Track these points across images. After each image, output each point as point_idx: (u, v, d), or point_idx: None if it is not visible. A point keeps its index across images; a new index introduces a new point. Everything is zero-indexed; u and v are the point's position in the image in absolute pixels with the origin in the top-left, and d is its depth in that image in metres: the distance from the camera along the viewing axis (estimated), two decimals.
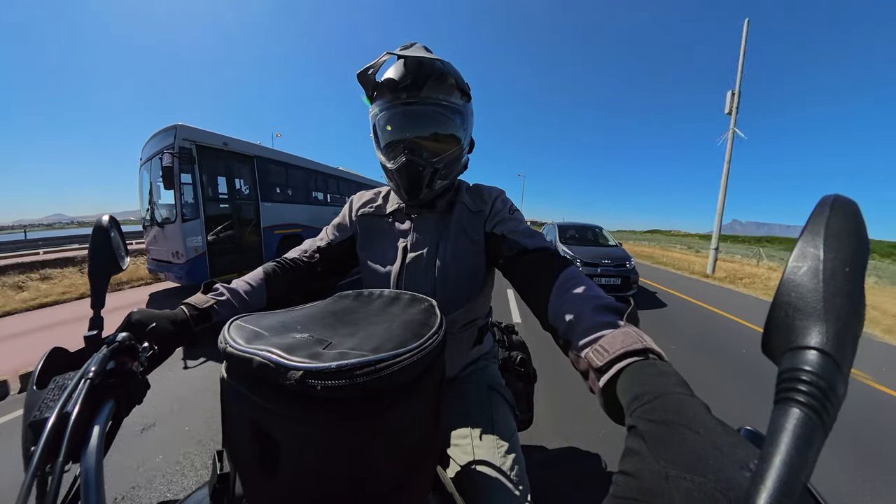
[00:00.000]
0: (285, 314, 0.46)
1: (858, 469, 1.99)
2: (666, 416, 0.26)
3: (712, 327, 4.88)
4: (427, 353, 0.36)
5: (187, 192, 5.33)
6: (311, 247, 0.84)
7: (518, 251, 0.67)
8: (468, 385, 0.84)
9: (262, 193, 6.68)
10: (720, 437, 0.23)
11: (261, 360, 0.32)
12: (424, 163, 0.69)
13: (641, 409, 0.28)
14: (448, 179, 0.75)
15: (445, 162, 0.71)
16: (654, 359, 0.35)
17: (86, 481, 0.33)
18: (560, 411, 2.41)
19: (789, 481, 0.15)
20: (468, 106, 0.75)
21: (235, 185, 6.33)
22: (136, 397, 0.45)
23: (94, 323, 0.47)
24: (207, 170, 5.63)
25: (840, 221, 0.19)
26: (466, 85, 0.75)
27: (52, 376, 0.40)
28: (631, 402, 0.30)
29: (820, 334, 0.17)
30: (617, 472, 0.26)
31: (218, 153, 5.84)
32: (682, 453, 0.22)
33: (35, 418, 0.35)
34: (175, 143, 5.08)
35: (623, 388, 0.34)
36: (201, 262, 5.40)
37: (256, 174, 6.57)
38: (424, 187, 0.71)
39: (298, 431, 0.32)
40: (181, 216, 5.24)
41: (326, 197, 9.36)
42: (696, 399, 0.28)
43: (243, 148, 6.30)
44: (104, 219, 0.51)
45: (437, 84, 0.68)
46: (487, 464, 0.68)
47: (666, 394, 0.28)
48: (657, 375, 0.32)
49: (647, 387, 0.30)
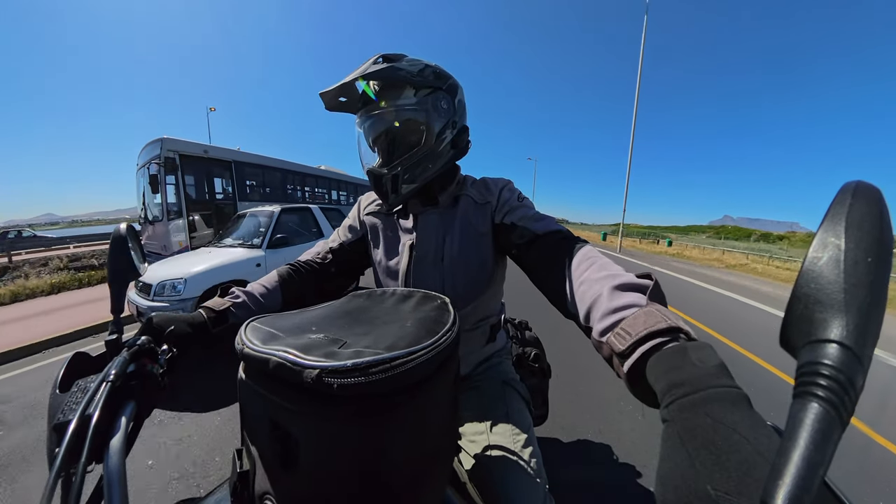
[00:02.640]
0: (300, 315, 0.47)
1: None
2: (706, 417, 0.24)
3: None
4: (441, 349, 0.36)
5: (172, 195, 6.24)
6: (323, 249, 0.85)
7: (529, 238, 0.65)
8: (483, 381, 0.83)
9: (239, 193, 7.60)
10: (763, 442, 0.21)
11: (278, 360, 0.33)
12: (381, 172, 0.71)
13: (678, 405, 0.26)
14: (416, 183, 0.72)
15: (405, 167, 0.70)
16: (682, 339, 0.33)
17: (108, 481, 0.34)
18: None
19: (808, 476, 0.15)
20: (432, 98, 0.70)
21: (216, 186, 7.24)
22: (157, 399, 0.46)
23: (115, 327, 0.48)
24: (190, 175, 6.54)
25: (862, 209, 0.18)
26: (431, 75, 0.71)
27: (75, 380, 0.41)
28: (665, 392, 0.28)
29: (840, 327, 0.16)
30: (657, 483, 0.24)
31: (199, 160, 6.73)
32: (727, 469, 0.21)
33: (59, 421, 0.36)
34: (161, 154, 5.97)
35: (655, 374, 0.31)
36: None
37: (234, 176, 7.48)
38: (390, 193, 0.72)
39: (316, 429, 0.33)
40: (167, 215, 6.17)
41: (304, 195, 10.25)
42: (735, 391, 0.25)
43: (222, 154, 7.19)
44: (122, 227, 0.52)
45: (386, 92, 0.69)
46: (503, 449, 0.68)
47: (704, 387, 0.26)
48: (692, 362, 0.29)
49: (682, 375, 0.28)
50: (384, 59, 0.68)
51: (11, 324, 4.29)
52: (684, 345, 0.31)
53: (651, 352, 0.33)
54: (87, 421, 0.35)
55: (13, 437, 2.08)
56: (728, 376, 0.27)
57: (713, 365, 0.28)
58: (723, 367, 0.28)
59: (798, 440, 0.15)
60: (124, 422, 0.38)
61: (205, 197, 7.01)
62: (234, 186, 7.51)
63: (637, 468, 1.77)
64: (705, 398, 0.25)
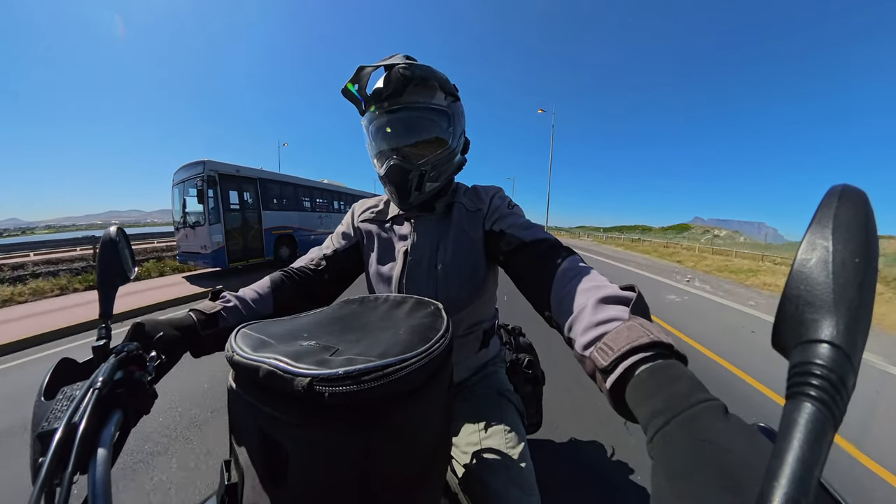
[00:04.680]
0: (291, 321, 0.46)
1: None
2: (685, 441, 0.24)
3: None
4: (434, 356, 0.36)
5: (211, 204, 7.84)
6: (317, 255, 0.84)
7: (516, 245, 0.66)
8: (478, 390, 0.84)
9: (263, 204, 9.30)
10: (745, 448, 0.22)
11: (268, 368, 0.32)
12: (410, 166, 0.70)
13: (660, 437, 0.27)
14: (438, 182, 0.75)
15: (432, 164, 0.72)
16: (661, 354, 0.33)
17: (94, 492, 0.32)
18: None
19: (804, 477, 0.15)
20: (455, 106, 0.75)
21: (244, 198, 8.91)
22: (144, 407, 0.44)
23: (102, 332, 0.46)
24: (225, 189, 8.17)
25: (849, 212, 0.18)
26: (453, 86, 0.74)
27: (60, 387, 0.39)
28: (647, 423, 0.29)
29: (830, 327, 0.17)
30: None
31: (232, 177, 8.40)
32: (713, 499, 0.21)
33: (43, 429, 0.34)
34: (204, 173, 7.63)
35: (635, 401, 0.32)
36: (221, 252, 7.94)
37: (259, 191, 9.20)
38: (413, 190, 0.72)
39: (307, 438, 0.32)
40: (208, 221, 7.78)
41: (311, 204, 12.02)
42: (709, 403, 0.26)
43: (250, 173, 8.92)
44: (112, 230, 0.51)
45: (417, 88, 0.69)
46: (496, 462, 0.68)
47: (679, 410, 0.27)
48: (667, 382, 0.30)
49: (658, 401, 0.29)
50: (407, 58, 0.71)
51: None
52: (661, 364, 0.32)
53: (632, 369, 0.33)
54: (74, 429, 0.33)
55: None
56: (702, 389, 0.28)
57: (684, 383, 0.29)
58: (693, 381, 0.29)
59: (792, 440, 0.15)
60: (111, 431, 0.36)
61: (237, 206, 8.68)
62: (259, 198, 9.24)
63: (630, 465, 1.81)
64: (681, 423, 0.26)
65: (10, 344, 3.76)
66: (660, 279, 8.75)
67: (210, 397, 2.63)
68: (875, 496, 1.79)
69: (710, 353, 3.65)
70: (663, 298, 6.34)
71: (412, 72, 0.67)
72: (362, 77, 0.70)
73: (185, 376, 2.84)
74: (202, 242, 7.93)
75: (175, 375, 0.59)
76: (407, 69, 0.67)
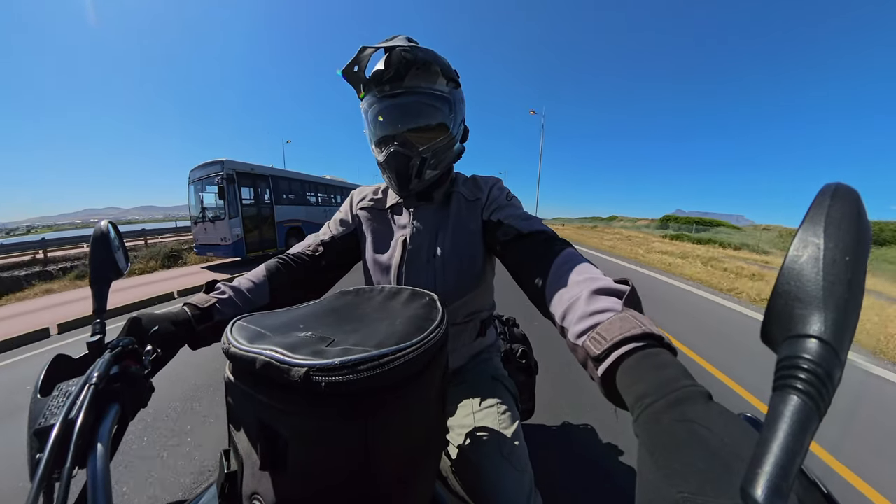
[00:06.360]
0: (287, 313, 0.47)
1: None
2: (669, 421, 0.25)
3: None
4: (429, 346, 0.36)
5: (230, 200, 8.57)
6: (314, 241, 0.83)
7: (513, 236, 0.66)
8: (472, 376, 0.84)
9: (275, 199, 10.09)
10: (724, 431, 0.23)
11: (265, 359, 0.33)
12: (411, 153, 0.69)
13: (644, 416, 0.28)
14: (438, 170, 0.74)
15: (433, 150, 0.70)
16: (652, 345, 0.34)
17: (93, 487, 0.33)
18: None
19: (786, 464, 0.15)
20: (456, 93, 0.74)
21: (259, 194, 9.69)
22: (141, 401, 0.44)
23: (97, 328, 0.46)
24: (242, 186, 8.92)
25: (841, 210, 0.18)
26: (454, 72, 0.73)
27: (56, 383, 0.39)
28: (634, 404, 0.30)
29: (819, 323, 0.17)
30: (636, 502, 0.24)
31: (248, 175, 9.15)
32: (693, 471, 0.21)
33: (40, 426, 0.35)
34: (224, 171, 8.36)
35: (624, 385, 0.33)
36: (240, 243, 8.70)
37: (271, 187, 9.98)
38: (413, 177, 0.71)
39: (305, 428, 0.33)
40: (228, 215, 8.53)
41: (317, 199, 12.85)
42: (693, 388, 0.27)
43: (263, 171, 9.71)
44: (103, 224, 0.51)
45: (419, 72, 0.68)
46: (489, 444, 0.69)
47: (665, 393, 0.28)
48: (656, 368, 0.31)
49: (646, 384, 0.30)
50: (409, 41, 0.68)
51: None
52: (650, 353, 0.33)
53: (623, 357, 0.34)
54: (71, 425, 0.33)
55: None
56: (687, 376, 0.29)
57: (671, 370, 0.30)
58: (681, 369, 0.30)
59: (778, 431, 0.16)
60: (108, 425, 0.37)
61: (252, 201, 9.46)
62: (272, 193, 10.04)
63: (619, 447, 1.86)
64: (666, 404, 0.27)
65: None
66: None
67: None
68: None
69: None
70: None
71: (415, 55, 0.66)
72: (362, 58, 0.68)
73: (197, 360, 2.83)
74: (222, 235, 8.67)
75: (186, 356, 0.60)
76: (409, 52, 0.66)
